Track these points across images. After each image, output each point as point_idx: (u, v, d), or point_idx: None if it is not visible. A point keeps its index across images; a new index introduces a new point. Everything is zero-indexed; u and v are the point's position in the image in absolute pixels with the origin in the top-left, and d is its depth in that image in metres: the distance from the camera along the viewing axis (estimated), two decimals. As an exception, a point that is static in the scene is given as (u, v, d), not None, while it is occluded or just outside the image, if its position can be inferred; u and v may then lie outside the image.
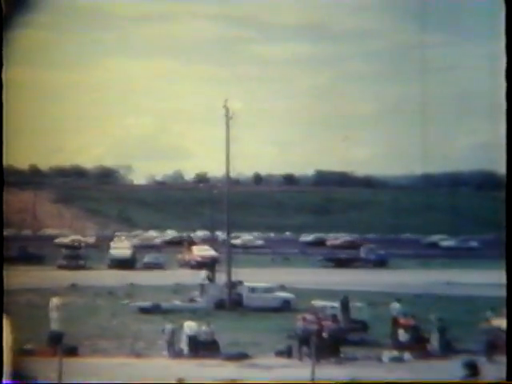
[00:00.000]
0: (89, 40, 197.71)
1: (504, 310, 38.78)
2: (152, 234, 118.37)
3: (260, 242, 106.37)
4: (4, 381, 20.33)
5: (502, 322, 37.05)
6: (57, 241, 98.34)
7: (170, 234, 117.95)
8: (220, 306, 47.70)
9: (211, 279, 52.31)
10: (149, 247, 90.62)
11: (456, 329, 36.56)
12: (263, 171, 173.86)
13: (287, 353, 34.02)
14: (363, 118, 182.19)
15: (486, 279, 61.29)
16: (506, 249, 20.00)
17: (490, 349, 34.00)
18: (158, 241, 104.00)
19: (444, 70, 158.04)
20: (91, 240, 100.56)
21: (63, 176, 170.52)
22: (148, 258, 74.42)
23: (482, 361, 33.00)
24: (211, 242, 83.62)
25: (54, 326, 36.92)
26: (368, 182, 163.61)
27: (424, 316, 37.63)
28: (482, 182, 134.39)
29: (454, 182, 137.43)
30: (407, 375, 30.54)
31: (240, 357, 33.26)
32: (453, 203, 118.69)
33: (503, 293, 54.04)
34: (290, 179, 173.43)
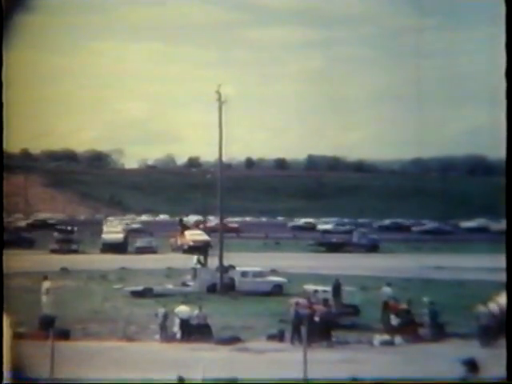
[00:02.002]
0: (80, 23, 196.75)
1: (495, 295, 39.16)
2: (144, 218, 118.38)
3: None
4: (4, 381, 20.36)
5: (494, 306, 37.38)
6: (50, 222, 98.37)
7: (163, 218, 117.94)
8: (212, 290, 47.85)
9: (203, 263, 52.43)
10: (141, 231, 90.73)
11: (447, 313, 36.75)
12: (255, 156, 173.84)
13: (279, 337, 34.20)
14: (356, 102, 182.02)
15: (475, 263, 61.75)
16: (506, 244, 20.04)
17: (484, 333, 34.25)
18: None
19: (438, 55, 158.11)
20: (84, 224, 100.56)
21: (54, 160, 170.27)
22: (140, 242, 74.50)
23: (475, 344, 33.25)
24: (204, 226, 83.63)
25: (46, 309, 37.03)
26: (359, 167, 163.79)
27: (415, 300, 37.83)
28: (473, 166, 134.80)
29: (444, 167, 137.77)
30: (398, 359, 30.76)
31: (232, 341, 33.41)
32: (443, 188, 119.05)
33: (493, 276, 54.47)
34: (281, 164, 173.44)
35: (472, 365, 29.36)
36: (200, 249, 58.33)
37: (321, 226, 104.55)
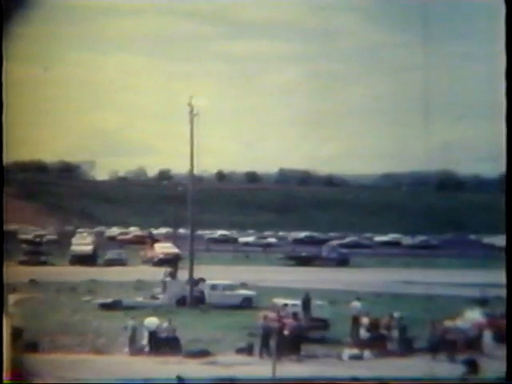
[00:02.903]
0: (53, 34, 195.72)
1: (462, 310, 39.49)
2: (114, 230, 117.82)
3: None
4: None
5: (460, 321, 37.70)
6: (19, 236, 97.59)
7: (133, 230, 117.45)
8: (181, 303, 47.73)
9: (173, 276, 52.33)
10: (111, 243, 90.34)
11: (415, 327, 36.94)
12: (227, 168, 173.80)
13: (248, 350, 34.19)
14: (329, 117, 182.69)
15: (444, 278, 62.17)
16: (506, 250, 20.25)
17: (451, 347, 34.55)
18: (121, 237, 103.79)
19: (412, 70, 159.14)
20: (53, 236, 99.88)
21: (24, 171, 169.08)
22: (110, 254, 74.13)
23: (441, 359, 33.52)
24: (174, 238, 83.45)
25: (14, 321, 36.72)
26: (330, 181, 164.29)
27: (384, 314, 37.98)
28: (443, 182, 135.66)
29: (414, 182, 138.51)
30: (367, 373, 30.86)
31: (201, 354, 33.35)
32: (413, 203, 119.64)
33: (462, 292, 54.77)
34: (252, 177, 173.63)
35: (472, 365, 29.44)
36: (170, 261, 58.17)
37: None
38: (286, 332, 34.45)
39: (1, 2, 18.78)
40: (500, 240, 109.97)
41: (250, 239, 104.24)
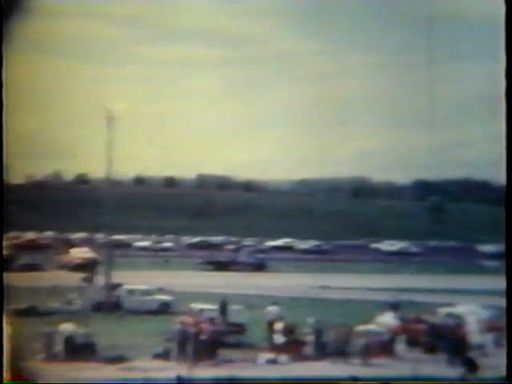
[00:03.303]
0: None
1: (375, 315, 40.29)
2: (30, 234, 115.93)
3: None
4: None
5: (376, 325, 38.47)
6: None
7: (49, 235, 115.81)
8: (98, 308, 47.40)
9: (90, 281, 51.93)
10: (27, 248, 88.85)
11: (331, 332, 37.47)
12: (145, 173, 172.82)
13: (165, 355, 34.22)
14: (248, 123, 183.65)
15: (359, 283, 63.29)
16: (506, 255, 20.71)
17: (365, 351, 35.20)
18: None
19: (324, 77, 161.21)
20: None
21: None
22: (25, 259, 73.01)
23: (356, 363, 34.14)
24: (91, 243, 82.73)
25: None
26: (248, 187, 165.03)
27: (300, 319, 38.48)
28: (358, 188, 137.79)
29: (331, 188, 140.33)
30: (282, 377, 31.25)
31: (118, 359, 33.24)
32: (329, 209, 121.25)
33: (376, 296, 55.85)
34: (171, 182, 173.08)
35: (471, 365, 29.84)
36: (87, 266, 57.70)
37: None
38: (202, 337, 34.63)
39: (1, 1, 18.68)
40: (400, 246, 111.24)
41: (168, 244, 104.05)
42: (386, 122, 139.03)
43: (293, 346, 36.15)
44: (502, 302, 50.72)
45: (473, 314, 40.56)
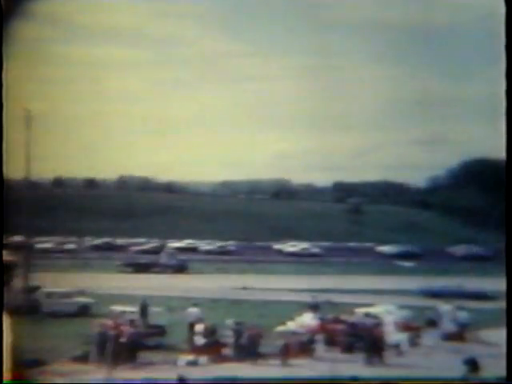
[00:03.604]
0: None
1: (295, 315, 40.73)
2: None
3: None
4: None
5: (295, 326, 38.92)
6: None
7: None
8: (15, 311, 46.64)
9: (7, 284, 51.03)
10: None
11: (245, 333, 37.61)
12: (65, 174, 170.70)
13: (84, 358, 33.99)
14: (169, 124, 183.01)
15: (280, 285, 63.85)
16: (506, 255, 20.98)
17: (284, 352, 35.56)
18: None
19: (246, 79, 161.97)
20: None
21: None
22: None
23: (276, 363, 34.47)
24: (7, 246, 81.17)
25: None
26: (170, 188, 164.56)
27: (221, 320, 38.67)
28: (279, 190, 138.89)
29: (252, 190, 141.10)
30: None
31: (36, 363, 32.88)
32: (250, 210, 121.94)
33: (295, 297, 56.44)
34: (91, 183, 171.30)
35: (473, 365, 29.96)
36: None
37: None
38: (122, 339, 34.50)
39: (0, 1, 18.35)
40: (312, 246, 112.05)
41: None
42: (306, 124, 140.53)
43: (213, 348, 36.32)
44: (417, 302, 52.01)
45: (389, 314, 41.38)
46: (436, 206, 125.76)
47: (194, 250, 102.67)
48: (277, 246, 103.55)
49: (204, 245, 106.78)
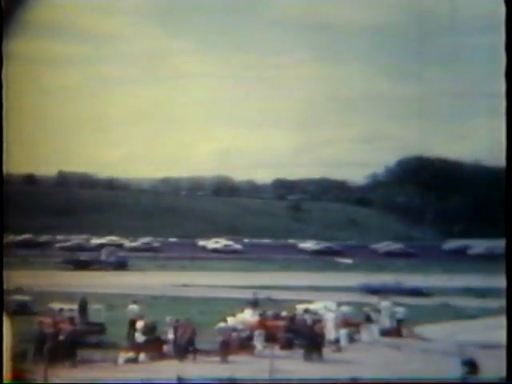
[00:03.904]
0: None
1: (235, 312, 40.91)
2: None
3: None
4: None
5: (235, 322, 39.07)
6: None
7: None
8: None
9: None
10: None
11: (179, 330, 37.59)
12: (3, 170, 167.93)
13: (21, 357, 33.65)
14: (108, 120, 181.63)
15: (220, 281, 64.02)
16: (506, 255, 21.08)
17: (224, 348, 35.72)
18: None
19: (187, 76, 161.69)
20: None
21: None
22: None
23: (216, 360, 34.59)
24: None
25: None
26: (111, 185, 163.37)
27: (161, 317, 38.63)
28: (220, 187, 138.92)
29: (193, 187, 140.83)
30: (141, 376, 31.32)
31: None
32: (191, 207, 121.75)
33: (236, 294, 56.54)
34: (31, 179, 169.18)
35: (472, 365, 29.99)
36: None
37: None
38: (61, 337, 34.27)
39: (0, 1, 18.06)
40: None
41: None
42: (247, 121, 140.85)
43: (153, 345, 36.29)
44: (356, 298, 52.65)
45: (329, 310, 41.84)
46: (375, 202, 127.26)
47: (121, 246, 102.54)
48: (201, 243, 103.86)
49: (128, 242, 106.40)
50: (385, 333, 42.19)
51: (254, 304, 44.68)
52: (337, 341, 38.62)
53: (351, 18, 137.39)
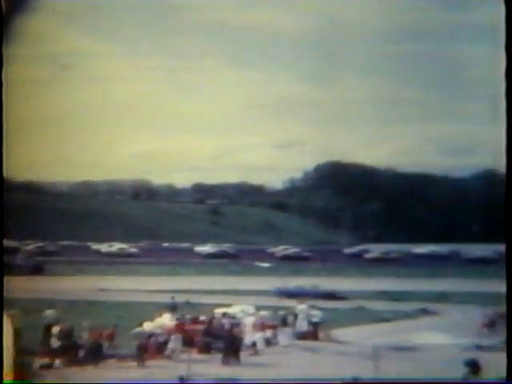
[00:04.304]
0: None
1: (154, 316, 40.84)
2: None
3: None
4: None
5: (152, 326, 38.97)
6: None
7: None
8: None
9: None
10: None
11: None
12: None
13: None
14: (30, 122, 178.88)
15: (140, 286, 63.74)
16: (506, 255, 21.09)
17: (140, 353, 35.61)
18: None
19: (104, 80, 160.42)
20: None
21: None
22: None
23: (133, 365, 34.48)
24: None
25: None
26: (28, 187, 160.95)
27: (77, 322, 38.26)
28: (138, 191, 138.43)
29: (112, 190, 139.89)
30: (57, 381, 31.03)
31: None
32: (110, 211, 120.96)
33: (154, 298, 56.40)
34: None
35: (474, 366, 29.76)
36: None
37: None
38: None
39: (0, 1, 17.50)
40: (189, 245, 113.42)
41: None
42: (166, 125, 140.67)
43: (69, 350, 35.92)
44: (273, 302, 53.11)
45: (246, 314, 42.14)
46: (292, 207, 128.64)
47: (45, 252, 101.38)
48: (95, 247, 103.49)
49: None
50: (301, 336, 42.71)
51: (173, 308, 44.68)
52: (254, 344, 38.91)
53: (274, 24, 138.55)
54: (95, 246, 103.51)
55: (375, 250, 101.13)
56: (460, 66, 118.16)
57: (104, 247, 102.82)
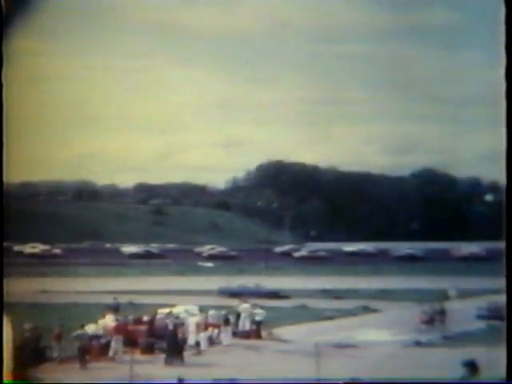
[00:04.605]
0: None
1: (96, 317, 40.68)
2: None
3: None
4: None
5: (95, 328, 38.81)
6: None
7: None
8: None
9: None
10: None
11: (47, 337, 37.21)
12: None
13: None
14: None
15: (80, 287, 63.33)
16: (506, 255, 21.09)
17: (82, 355, 35.45)
18: None
19: (54, 79, 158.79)
20: None
21: None
22: None
23: (75, 367, 34.30)
24: None
25: None
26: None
27: (17, 324, 37.87)
28: (80, 191, 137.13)
29: (54, 191, 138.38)
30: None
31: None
32: (52, 211, 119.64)
33: (97, 299, 56.02)
34: None
35: (472, 366, 29.55)
36: None
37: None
38: None
39: (0, 1, 17.16)
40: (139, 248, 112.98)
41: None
42: (109, 124, 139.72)
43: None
44: (216, 302, 53.26)
45: (190, 314, 42.21)
46: (235, 207, 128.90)
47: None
48: (17, 248, 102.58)
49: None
50: (244, 335, 42.95)
51: (115, 309, 44.53)
52: (197, 344, 39.02)
53: (211, 24, 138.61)
54: (16, 248, 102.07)
55: (306, 248, 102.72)
56: (404, 67, 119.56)
57: (27, 248, 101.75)
